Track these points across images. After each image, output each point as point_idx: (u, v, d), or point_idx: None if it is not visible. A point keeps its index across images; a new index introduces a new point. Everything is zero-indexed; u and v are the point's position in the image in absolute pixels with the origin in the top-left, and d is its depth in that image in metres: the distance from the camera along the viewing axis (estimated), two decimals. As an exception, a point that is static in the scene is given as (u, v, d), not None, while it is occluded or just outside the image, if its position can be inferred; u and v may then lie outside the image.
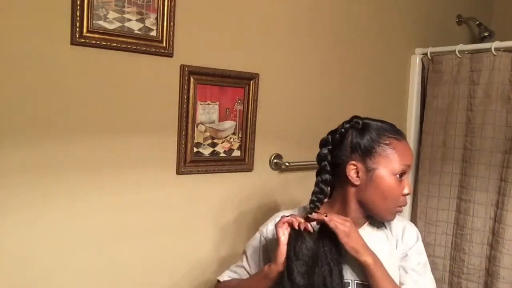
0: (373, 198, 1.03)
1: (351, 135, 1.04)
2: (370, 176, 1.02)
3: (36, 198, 1.17)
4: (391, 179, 1.01)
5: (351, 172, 1.03)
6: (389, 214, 1.06)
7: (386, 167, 1.01)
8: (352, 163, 1.03)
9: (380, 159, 1.01)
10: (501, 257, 1.71)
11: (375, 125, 1.05)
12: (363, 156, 1.02)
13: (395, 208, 1.04)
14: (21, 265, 1.16)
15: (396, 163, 1.01)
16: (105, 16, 1.21)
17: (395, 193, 1.02)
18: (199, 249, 1.48)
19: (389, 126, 1.06)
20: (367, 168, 1.02)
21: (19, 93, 1.12)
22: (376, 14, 1.86)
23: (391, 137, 1.03)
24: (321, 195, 1.06)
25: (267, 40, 1.55)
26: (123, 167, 1.29)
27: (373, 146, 1.02)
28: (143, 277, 1.37)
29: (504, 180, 1.73)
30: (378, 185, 1.02)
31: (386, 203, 1.03)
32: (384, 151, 1.02)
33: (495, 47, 1.75)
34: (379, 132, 1.03)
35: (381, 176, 1.01)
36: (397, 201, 1.03)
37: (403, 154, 1.02)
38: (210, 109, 1.44)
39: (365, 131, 1.04)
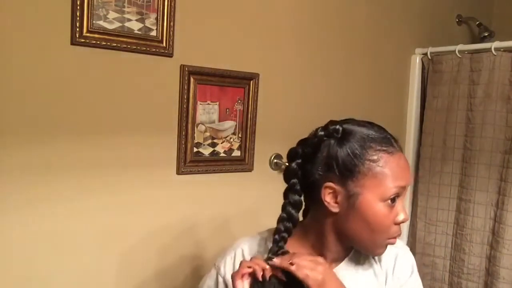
0: (357, 229, 0.80)
1: (328, 147, 0.80)
2: (352, 202, 0.78)
3: (36, 198, 1.17)
4: (380, 206, 0.78)
5: (327, 197, 0.80)
6: (378, 248, 0.83)
7: (373, 191, 0.77)
8: (328, 185, 0.79)
9: (365, 181, 0.77)
10: (501, 257, 1.71)
11: (359, 133, 0.80)
12: (343, 177, 0.78)
13: (385, 241, 0.81)
14: (21, 265, 1.16)
15: (387, 186, 0.77)
16: (105, 16, 1.21)
17: (385, 223, 0.79)
18: (199, 249, 1.48)
19: (379, 133, 0.81)
20: (349, 192, 0.78)
21: (19, 93, 1.12)
22: (376, 14, 1.86)
23: (380, 149, 0.78)
24: (290, 223, 0.84)
25: (267, 40, 1.55)
26: (123, 167, 1.29)
27: (355, 163, 0.77)
28: (143, 276, 1.37)
29: (504, 180, 1.73)
30: (363, 215, 0.78)
31: (373, 236, 0.80)
32: (370, 170, 0.77)
33: (495, 47, 1.75)
34: (364, 144, 0.78)
35: (367, 203, 0.78)
36: (388, 232, 0.80)
37: (396, 173, 0.78)
38: (210, 109, 1.44)
39: (345, 141, 0.79)
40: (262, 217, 1.61)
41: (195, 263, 1.48)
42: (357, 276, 0.87)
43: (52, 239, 1.20)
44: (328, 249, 0.86)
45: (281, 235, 0.83)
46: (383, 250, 0.83)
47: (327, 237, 0.85)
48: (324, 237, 0.85)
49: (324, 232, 0.85)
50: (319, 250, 0.87)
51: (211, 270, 0.94)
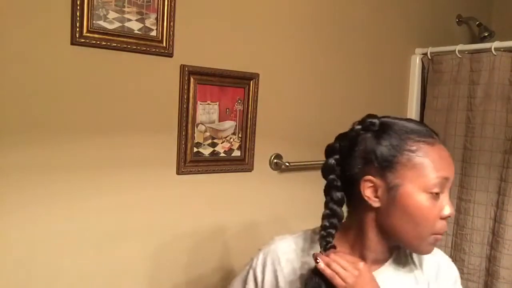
0: (399, 224, 0.77)
1: (365, 140, 0.80)
2: (393, 195, 0.76)
3: (36, 198, 1.17)
4: (422, 197, 0.75)
5: (367, 191, 0.79)
6: (424, 245, 0.79)
7: (414, 182, 0.75)
8: (367, 178, 0.78)
9: (406, 172, 0.76)
10: (501, 257, 1.71)
11: (397, 126, 0.79)
12: (382, 169, 0.77)
13: (430, 237, 0.78)
14: (21, 265, 1.16)
15: (428, 176, 0.75)
16: (105, 16, 1.21)
17: (430, 217, 0.76)
18: (199, 249, 1.48)
19: (418, 125, 0.80)
20: (389, 184, 0.77)
21: (19, 93, 1.12)
22: (376, 14, 1.86)
23: (419, 140, 0.77)
24: (335, 219, 0.82)
25: (267, 40, 1.55)
26: (123, 167, 1.29)
27: (395, 154, 0.76)
28: (143, 277, 1.37)
29: (504, 180, 1.73)
30: (405, 207, 0.76)
31: (418, 230, 0.76)
32: (410, 161, 0.76)
33: (495, 47, 1.76)
34: (402, 135, 0.77)
35: (409, 195, 0.75)
36: (433, 227, 0.77)
37: (438, 164, 0.76)
38: (210, 109, 1.44)
39: (383, 134, 0.78)
40: (262, 217, 1.61)
41: (195, 262, 1.48)
42: (398, 280, 0.84)
43: (51, 239, 1.20)
44: (369, 249, 0.83)
45: (328, 231, 0.81)
46: (431, 248, 0.80)
47: (368, 235, 0.82)
48: (365, 235, 0.82)
49: (365, 230, 0.82)
50: (359, 250, 0.84)
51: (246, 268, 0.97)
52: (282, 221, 1.66)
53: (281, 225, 1.66)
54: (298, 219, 1.69)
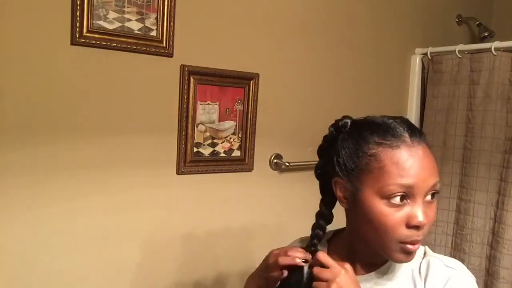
0: (363, 229, 0.75)
1: (335, 142, 0.79)
2: (356, 198, 0.74)
3: (36, 198, 1.17)
4: (379, 204, 0.71)
5: (338, 192, 0.78)
6: (394, 254, 0.73)
7: (372, 187, 0.72)
8: (336, 179, 0.78)
9: (364, 177, 0.73)
10: (501, 257, 1.71)
11: (365, 126, 0.76)
12: (347, 171, 0.75)
13: (397, 245, 0.72)
14: (21, 265, 1.16)
15: (386, 183, 0.70)
16: (105, 16, 1.21)
17: (390, 224, 0.70)
18: (199, 249, 1.48)
19: (391, 125, 0.74)
20: (352, 187, 0.75)
21: (19, 93, 1.12)
22: (376, 14, 1.86)
23: (381, 143, 0.72)
24: (322, 221, 0.83)
25: (267, 40, 1.55)
26: (123, 167, 1.29)
27: (354, 158, 0.74)
28: (143, 277, 1.37)
29: (504, 180, 1.73)
30: (364, 212, 0.73)
31: (380, 237, 0.72)
32: (367, 165, 0.72)
33: (495, 47, 1.75)
34: (365, 137, 0.74)
35: (367, 200, 0.72)
36: (397, 235, 0.71)
37: (400, 169, 0.70)
38: (210, 109, 1.44)
39: (349, 136, 0.77)
40: (262, 217, 1.61)
41: (194, 262, 1.48)
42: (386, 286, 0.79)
43: (51, 239, 1.20)
44: (358, 251, 0.82)
45: (315, 232, 0.84)
46: (402, 256, 0.74)
47: (350, 238, 0.82)
48: (349, 238, 0.83)
49: (348, 233, 0.83)
50: (351, 252, 0.83)
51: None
52: (282, 221, 1.66)
53: (281, 225, 1.66)
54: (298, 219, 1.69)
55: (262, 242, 1.61)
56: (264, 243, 1.62)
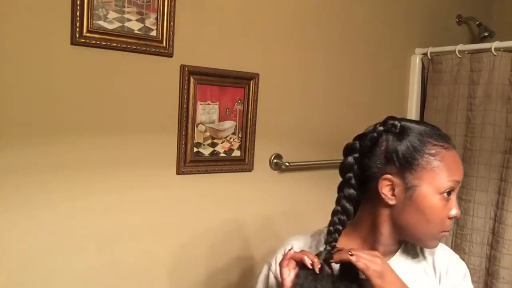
0: (412, 221, 0.83)
1: (386, 141, 0.84)
2: (409, 194, 0.82)
3: (36, 198, 1.17)
4: (436, 198, 0.82)
5: (385, 189, 0.84)
6: (432, 240, 0.86)
7: (430, 183, 0.81)
8: (386, 177, 0.83)
9: (424, 174, 0.81)
10: (501, 257, 1.71)
11: (417, 129, 0.84)
12: (402, 169, 0.82)
13: (439, 234, 0.85)
14: (21, 265, 1.16)
15: (443, 179, 0.81)
16: (105, 16, 1.21)
17: (440, 216, 0.83)
18: (199, 249, 1.48)
19: (434, 130, 0.86)
20: (406, 184, 0.82)
21: (19, 93, 1.12)
22: (376, 14, 1.86)
23: (437, 145, 0.83)
24: (344, 216, 0.86)
25: (267, 40, 1.55)
26: (122, 167, 1.29)
27: (415, 156, 0.82)
28: (143, 277, 1.37)
29: (504, 180, 1.73)
30: (419, 206, 0.82)
31: (428, 228, 0.83)
32: (428, 164, 0.81)
33: (495, 47, 1.76)
34: (422, 139, 0.83)
35: (424, 195, 0.81)
36: (442, 225, 0.84)
37: (452, 167, 0.83)
38: (210, 109, 1.44)
39: (404, 136, 0.84)
40: (262, 217, 1.61)
41: (194, 262, 1.48)
42: (409, 270, 0.89)
43: (51, 240, 1.20)
44: (379, 243, 0.88)
45: (335, 227, 0.85)
46: (437, 243, 0.87)
47: (380, 230, 0.87)
48: (378, 230, 0.87)
49: (378, 225, 0.87)
50: (370, 244, 0.89)
51: (264, 267, 0.98)
52: (282, 221, 1.66)
53: (281, 225, 1.66)
54: (298, 219, 1.70)
55: (262, 242, 1.61)
56: (264, 243, 1.62)
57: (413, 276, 0.87)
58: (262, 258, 1.61)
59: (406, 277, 0.83)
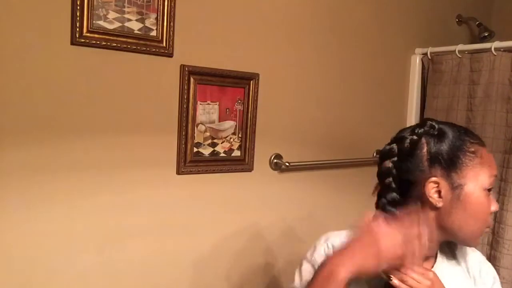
0: (461, 221, 0.82)
1: (427, 143, 0.84)
2: (457, 194, 0.81)
3: (36, 198, 1.17)
4: (482, 195, 0.82)
5: (432, 192, 0.82)
6: (477, 239, 0.86)
7: (475, 181, 0.81)
8: (432, 180, 0.82)
9: (468, 172, 0.81)
10: (501, 257, 1.71)
11: (451, 129, 0.86)
12: (447, 170, 0.82)
13: (484, 230, 0.85)
14: (21, 265, 1.16)
15: (485, 175, 0.82)
16: (105, 16, 1.21)
17: (487, 212, 0.83)
18: (199, 249, 1.48)
19: (466, 129, 0.88)
20: (453, 184, 0.81)
21: (19, 93, 1.12)
22: (376, 14, 1.86)
23: (474, 142, 0.84)
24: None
25: (267, 40, 1.55)
26: (123, 167, 1.29)
27: (458, 155, 0.82)
28: (143, 277, 1.37)
29: (504, 180, 1.73)
30: (468, 205, 0.81)
31: (477, 225, 0.83)
32: (471, 161, 0.82)
33: (495, 47, 1.75)
34: (461, 138, 0.84)
35: (472, 193, 0.81)
36: (487, 221, 0.84)
37: (490, 163, 0.84)
38: (210, 109, 1.44)
39: (444, 136, 0.84)
40: (261, 217, 1.61)
41: (194, 263, 1.48)
42: (453, 273, 0.89)
43: (51, 240, 1.20)
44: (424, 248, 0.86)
45: None
46: (479, 241, 0.87)
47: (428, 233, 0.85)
48: None
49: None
50: None
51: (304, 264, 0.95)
52: (282, 221, 1.66)
53: (281, 225, 1.66)
54: (298, 219, 1.70)
55: (262, 242, 1.61)
56: (264, 243, 1.62)
57: (459, 277, 0.88)
58: (262, 257, 1.61)
59: (452, 282, 0.84)
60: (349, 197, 1.79)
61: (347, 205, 1.77)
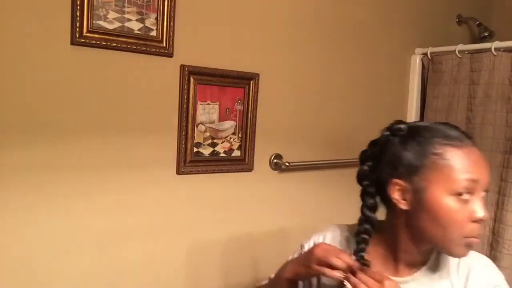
0: (428, 227, 0.78)
1: (393, 146, 0.82)
2: (419, 198, 0.77)
3: (36, 198, 1.17)
4: (449, 200, 0.75)
5: (395, 194, 0.80)
6: (456, 247, 0.78)
7: (440, 184, 0.76)
8: (394, 181, 0.80)
9: (431, 175, 0.76)
10: (501, 257, 1.71)
11: (423, 129, 0.81)
12: (409, 172, 0.79)
13: (462, 240, 0.76)
14: (21, 265, 1.16)
15: (453, 179, 0.75)
16: (105, 16, 1.21)
17: (457, 219, 0.75)
18: (199, 249, 1.48)
19: (447, 129, 0.80)
20: (415, 187, 0.78)
21: (19, 93, 1.12)
22: (376, 14, 1.86)
23: (446, 143, 0.77)
24: (368, 225, 0.85)
25: (267, 40, 1.55)
26: (123, 167, 1.29)
27: (420, 158, 0.78)
28: (143, 277, 1.37)
29: (504, 180, 1.73)
30: (432, 210, 0.76)
31: (446, 233, 0.76)
32: (435, 164, 0.76)
33: (495, 47, 1.75)
34: (428, 139, 0.78)
35: (435, 197, 0.76)
36: (462, 230, 0.76)
37: (464, 166, 0.75)
38: (210, 109, 1.44)
39: (410, 139, 0.80)
40: (262, 217, 1.61)
41: (194, 263, 1.48)
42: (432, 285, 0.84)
43: (51, 240, 1.20)
44: (402, 251, 0.85)
45: (362, 237, 0.85)
46: (465, 250, 0.79)
47: (400, 237, 0.84)
48: (397, 237, 0.84)
49: (396, 232, 0.84)
50: (393, 252, 0.87)
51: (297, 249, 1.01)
52: (282, 221, 1.66)
53: (281, 225, 1.66)
54: (298, 219, 1.70)
55: (262, 242, 1.61)
56: (264, 243, 1.62)
57: None
58: (262, 257, 1.61)
59: None
60: (348, 197, 1.78)
61: (347, 205, 1.76)
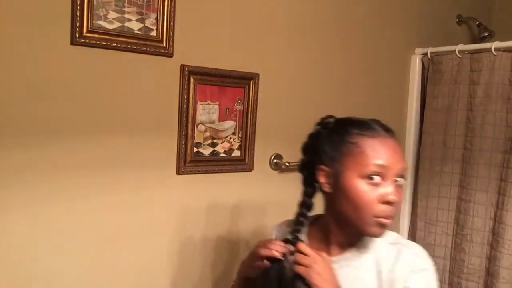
0: (343, 207, 0.88)
1: (321, 137, 0.94)
2: (337, 181, 0.88)
3: (36, 198, 1.17)
4: (360, 183, 0.85)
5: (321, 178, 0.91)
6: (369, 227, 0.86)
7: (352, 169, 0.86)
8: (320, 167, 0.91)
9: (346, 161, 0.87)
10: (501, 257, 1.71)
11: (347, 123, 0.92)
12: (331, 159, 0.90)
13: (372, 219, 0.85)
14: (21, 265, 1.16)
15: (364, 164, 0.85)
16: (105, 16, 1.21)
17: (367, 200, 0.84)
18: (199, 249, 1.48)
19: (367, 122, 0.91)
20: (334, 172, 0.89)
21: (19, 93, 1.12)
22: (376, 14, 1.86)
23: (361, 134, 0.88)
24: (305, 209, 0.95)
25: (267, 40, 1.55)
26: (123, 167, 1.29)
27: (339, 146, 0.89)
28: (143, 277, 1.37)
29: (504, 180, 1.73)
30: (345, 192, 0.87)
31: (358, 213, 0.86)
32: (350, 151, 0.87)
33: (495, 47, 1.75)
34: (348, 130, 0.90)
35: (348, 180, 0.86)
36: (373, 211, 0.85)
37: (375, 153, 0.85)
38: (210, 109, 1.44)
39: (334, 130, 0.93)
40: (262, 217, 1.61)
41: (194, 262, 1.48)
42: (356, 268, 0.92)
43: (51, 240, 1.20)
44: (332, 233, 0.95)
45: (298, 219, 0.95)
46: (377, 230, 0.87)
47: (329, 220, 0.95)
48: (328, 220, 0.95)
49: (326, 216, 0.96)
50: (326, 234, 0.96)
51: None
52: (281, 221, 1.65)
53: (281, 225, 1.66)
54: (298, 219, 1.69)
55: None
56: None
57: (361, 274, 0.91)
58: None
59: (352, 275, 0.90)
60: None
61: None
